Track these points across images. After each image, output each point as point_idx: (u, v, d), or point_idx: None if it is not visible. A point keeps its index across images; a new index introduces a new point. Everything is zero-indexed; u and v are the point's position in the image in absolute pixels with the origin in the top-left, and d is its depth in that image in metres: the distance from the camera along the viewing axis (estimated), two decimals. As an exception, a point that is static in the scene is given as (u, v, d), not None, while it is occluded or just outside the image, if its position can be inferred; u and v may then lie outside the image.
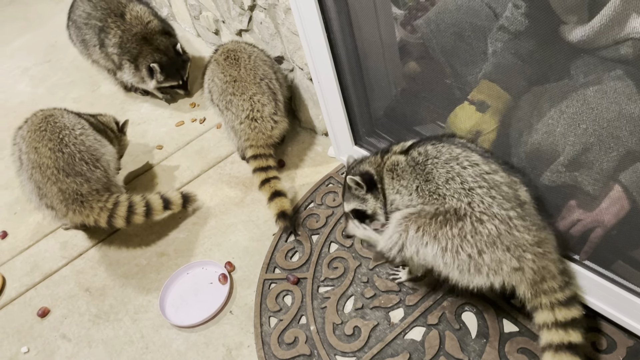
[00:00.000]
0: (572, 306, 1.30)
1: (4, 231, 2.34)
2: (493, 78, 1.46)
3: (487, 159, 1.36)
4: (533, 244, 1.28)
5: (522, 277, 1.30)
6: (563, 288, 1.30)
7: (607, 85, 1.21)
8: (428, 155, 1.41)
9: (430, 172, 1.38)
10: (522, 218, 1.29)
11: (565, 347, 1.25)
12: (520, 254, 1.28)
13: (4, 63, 3.75)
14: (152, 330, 1.81)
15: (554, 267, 1.30)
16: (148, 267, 2.02)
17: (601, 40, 1.19)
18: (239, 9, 2.35)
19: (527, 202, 1.33)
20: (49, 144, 1.99)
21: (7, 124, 3.09)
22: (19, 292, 2.06)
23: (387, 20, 1.72)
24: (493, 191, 1.29)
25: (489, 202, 1.28)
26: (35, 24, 4.15)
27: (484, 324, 1.54)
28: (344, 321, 1.66)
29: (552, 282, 1.29)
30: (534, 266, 1.28)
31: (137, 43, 2.63)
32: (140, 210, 1.97)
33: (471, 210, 1.29)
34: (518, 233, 1.28)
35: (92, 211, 1.94)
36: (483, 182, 1.30)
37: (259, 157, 2.05)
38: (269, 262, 1.90)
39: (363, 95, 1.88)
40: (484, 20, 1.44)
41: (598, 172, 1.26)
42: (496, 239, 1.28)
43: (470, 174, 1.32)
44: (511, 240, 1.28)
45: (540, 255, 1.29)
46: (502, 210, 1.28)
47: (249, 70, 2.13)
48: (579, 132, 1.25)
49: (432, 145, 1.43)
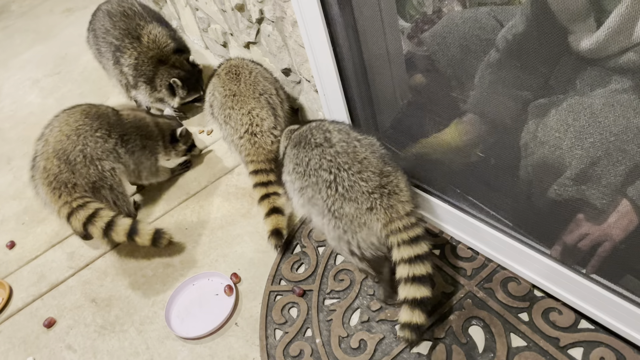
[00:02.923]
0: (417, 245, 1.46)
1: (11, 241, 2.35)
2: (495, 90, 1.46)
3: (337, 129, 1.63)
4: (377, 187, 1.49)
5: (377, 217, 1.48)
6: (408, 228, 1.46)
7: (614, 98, 1.20)
8: (297, 142, 1.68)
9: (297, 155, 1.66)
10: (361, 172, 1.51)
11: (411, 280, 1.43)
12: (368, 197, 1.48)
13: (14, 74, 3.80)
14: (158, 342, 1.81)
15: (400, 207, 1.48)
16: (154, 278, 2.02)
17: (609, 49, 1.18)
18: (247, 21, 2.37)
19: (366, 157, 1.54)
20: (66, 129, 2.06)
21: (16, 134, 3.13)
22: (25, 302, 2.07)
23: (394, 33, 1.73)
24: (335, 158, 1.55)
25: (335, 171, 1.54)
26: (46, 36, 4.21)
27: (492, 338, 1.53)
28: (349, 334, 1.65)
29: (399, 222, 1.47)
30: (382, 204, 1.47)
31: (153, 65, 2.65)
32: (100, 223, 1.94)
33: (326, 179, 1.55)
34: (363, 182, 1.50)
35: (57, 201, 1.99)
36: (327, 156, 1.56)
37: (260, 172, 2.04)
38: (275, 273, 1.89)
39: (369, 108, 1.89)
40: (491, 33, 1.44)
41: (606, 186, 1.25)
42: (347, 193, 1.51)
43: (315, 154, 1.59)
44: (359, 189, 1.50)
45: (387, 194, 1.48)
46: (343, 172, 1.52)
47: (249, 85, 2.14)
48: (586, 145, 1.25)
49: (299, 131, 1.70)
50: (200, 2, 2.85)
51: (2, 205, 2.60)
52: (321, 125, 1.67)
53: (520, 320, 1.54)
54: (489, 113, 1.54)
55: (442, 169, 1.79)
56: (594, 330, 1.46)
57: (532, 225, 1.55)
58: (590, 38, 1.20)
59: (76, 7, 4.50)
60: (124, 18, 2.68)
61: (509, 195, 1.61)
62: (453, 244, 1.79)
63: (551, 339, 1.47)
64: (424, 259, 1.45)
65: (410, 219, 1.47)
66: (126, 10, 2.70)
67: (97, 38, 2.78)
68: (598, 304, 1.40)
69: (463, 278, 1.69)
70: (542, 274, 1.53)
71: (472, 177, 1.73)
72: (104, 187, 2.08)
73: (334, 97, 1.81)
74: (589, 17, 1.19)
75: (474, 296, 1.63)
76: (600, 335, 1.45)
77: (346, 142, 1.57)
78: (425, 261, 1.45)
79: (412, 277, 1.42)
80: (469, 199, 1.70)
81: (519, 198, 1.57)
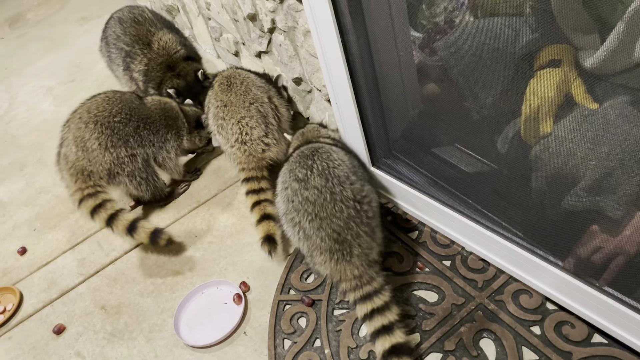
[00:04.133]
0: (370, 300, 1.54)
1: (23, 247, 2.37)
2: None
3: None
4: (328, 250, 1.59)
5: (329, 272, 1.61)
6: (358, 288, 1.56)
7: (628, 109, 1.19)
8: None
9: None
10: (319, 229, 1.59)
11: (377, 333, 1.51)
12: (320, 253, 1.60)
13: (29, 82, 3.85)
14: (166, 350, 1.80)
15: (349, 271, 1.57)
16: (163, 286, 2.02)
17: (616, 65, 1.18)
18: (259, 31, 2.38)
19: (329, 215, 1.59)
20: (85, 117, 2.14)
21: (30, 141, 3.16)
22: (35, 309, 2.08)
23: (405, 43, 1.73)
24: (303, 204, 1.62)
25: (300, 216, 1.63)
26: (60, 44, 4.26)
27: (503, 352, 1.50)
28: (359, 345, 1.64)
29: (347, 283, 1.57)
30: (331, 264, 1.59)
31: (161, 72, 2.67)
32: (104, 215, 2.02)
33: (293, 217, 1.66)
34: (318, 240, 1.59)
35: (73, 186, 2.09)
36: (299, 197, 1.63)
37: (251, 179, 2.07)
38: (284, 283, 1.89)
39: (380, 117, 1.88)
40: (504, 42, 1.44)
41: (621, 198, 1.23)
42: (307, 241, 1.62)
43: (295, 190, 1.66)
44: (314, 242, 1.61)
45: (335, 259, 1.58)
46: (305, 221, 1.62)
47: (239, 95, 2.18)
48: (601, 155, 1.23)
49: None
50: (213, 12, 2.87)
51: (15, 211, 2.62)
52: (313, 153, 1.70)
53: (532, 334, 1.52)
54: (500, 124, 1.53)
55: (454, 178, 1.78)
56: (607, 344, 1.44)
57: (545, 236, 1.54)
58: (592, 56, 1.21)
59: (91, 15, 4.56)
60: (135, 24, 2.70)
61: (522, 206, 1.60)
62: (464, 255, 1.78)
63: (564, 353, 1.45)
64: (382, 310, 1.52)
65: (359, 280, 1.56)
66: (137, 17, 2.73)
67: (109, 45, 2.80)
68: (612, 317, 1.38)
69: (474, 290, 1.67)
70: (554, 285, 1.51)
71: (485, 187, 1.72)
72: (120, 173, 2.15)
73: (346, 106, 1.81)
74: (592, 33, 1.19)
75: (485, 308, 1.62)
76: (614, 350, 1.42)
77: (319, 190, 1.61)
78: (385, 312, 1.52)
79: (375, 331, 1.50)
80: (482, 209, 1.69)
81: (532, 209, 1.56)
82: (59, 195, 2.59)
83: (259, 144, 2.11)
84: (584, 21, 1.19)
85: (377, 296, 1.54)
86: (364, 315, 1.54)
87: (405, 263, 1.81)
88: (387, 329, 1.49)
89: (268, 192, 2.04)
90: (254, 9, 2.27)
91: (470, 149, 1.73)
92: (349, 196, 1.61)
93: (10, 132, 3.32)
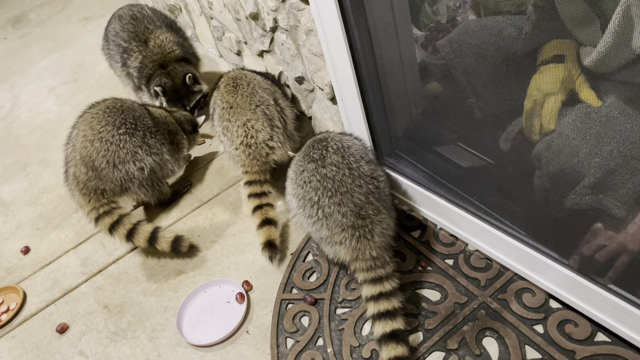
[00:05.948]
0: (380, 284, 1.56)
1: (26, 246, 2.37)
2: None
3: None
4: (349, 227, 1.58)
5: (345, 251, 1.60)
6: (371, 270, 1.57)
7: (630, 106, 1.19)
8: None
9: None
10: (340, 205, 1.58)
11: (379, 316, 1.53)
12: (340, 232, 1.58)
13: (32, 82, 3.86)
14: (169, 349, 1.80)
15: (368, 252, 1.57)
16: (166, 285, 2.03)
17: (614, 62, 1.17)
18: (261, 30, 2.38)
19: (349, 190, 1.59)
20: (89, 134, 2.10)
21: (33, 141, 3.17)
22: (39, 308, 2.08)
23: (408, 42, 1.73)
24: (322, 182, 1.61)
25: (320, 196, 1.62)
26: (63, 44, 4.27)
27: (506, 350, 1.50)
28: (361, 344, 1.64)
29: (363, 263, 1.57)
30: (350, 243, 1.58)
31: (153, 70, 2.69)
32: (123, 230, 2.03)
33: (312, 197, 1.64)
34: (339, 216, 1.58)
35: (87, 205, 2.09)
36: (317, 175, 1.63)
37: (254, 183, 2.05)
38: (287, 282, 1.89)
39: (383, 116, 1.88)
40: (507, 40, 1.43)
41: (625, 196, 1.23)
42: (326, 220, 1.61)
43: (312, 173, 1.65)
44: (334, 221, 1.60)
45: (357, 237, 1.57)
46: (325, 198, 1.60)
47: (245, 97, 2.16)
48: (604, 153, 1.23)
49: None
50: (215, 11, 2.87)
51: (18, 211, 2.63)
52: (325, 137, 1.70)
53: (535, 332, 1.52)
54: (503, 122, 1.53)
55: (458, 176, 1.78)
56: (611, 342, 1.43)
57: (549, 234, 1.53)
58: (591, 54, 1.20)
59: (93, 15, 4.57)
60: (133, 21, 2.71)
61: (526, 203, 1.59)
62: (467, 254, 1.77)
63: (567, 352, 1.45)
64: (389, 295, 1.54)
65: (375, 262, 1.57)
66: (135, 14, 2.74)
67: (108, 42, 2.82)
68: (616, 315, 1.37)
69: (477, 289, 1.67)
70: (558, 282, 1.51)
71: (488, 185, 1.71)
72: (131, 187, 2.15)
73: (352, 104, 1.81)
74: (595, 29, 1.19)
75: (488, 307, 1.61)
76: (618, 349, 1.42)
77: (337, 166, 1.61)
78: (392, 297, 1.54)
79: (378, 313, 1.52)
80: (485, 208, 1.68)
81: (536, 206, 1.55)
82: (62, 195, 2.59)
83: (263, 148, 2.10)
84: (587, 16, 1.18)
85: (388, 281, 1.56)
86: (370, 296, 1.55)
87: (408, 262, 1.81)
88: (391, 314, 1.51)
89: (270, 196, 2.03)
90: (256, 8, 2.27)
91: (473, 147, 1.73)
92: (366, 172, 1.62)
93: (14, 131, 3.33)
